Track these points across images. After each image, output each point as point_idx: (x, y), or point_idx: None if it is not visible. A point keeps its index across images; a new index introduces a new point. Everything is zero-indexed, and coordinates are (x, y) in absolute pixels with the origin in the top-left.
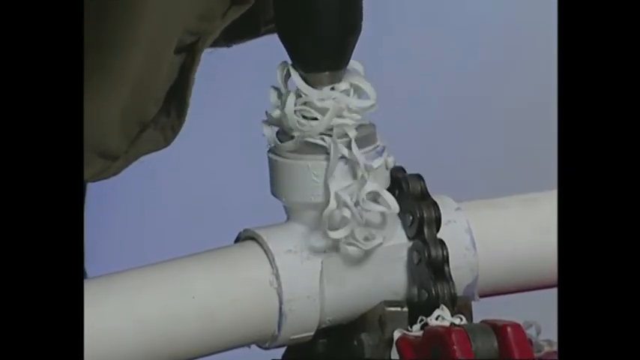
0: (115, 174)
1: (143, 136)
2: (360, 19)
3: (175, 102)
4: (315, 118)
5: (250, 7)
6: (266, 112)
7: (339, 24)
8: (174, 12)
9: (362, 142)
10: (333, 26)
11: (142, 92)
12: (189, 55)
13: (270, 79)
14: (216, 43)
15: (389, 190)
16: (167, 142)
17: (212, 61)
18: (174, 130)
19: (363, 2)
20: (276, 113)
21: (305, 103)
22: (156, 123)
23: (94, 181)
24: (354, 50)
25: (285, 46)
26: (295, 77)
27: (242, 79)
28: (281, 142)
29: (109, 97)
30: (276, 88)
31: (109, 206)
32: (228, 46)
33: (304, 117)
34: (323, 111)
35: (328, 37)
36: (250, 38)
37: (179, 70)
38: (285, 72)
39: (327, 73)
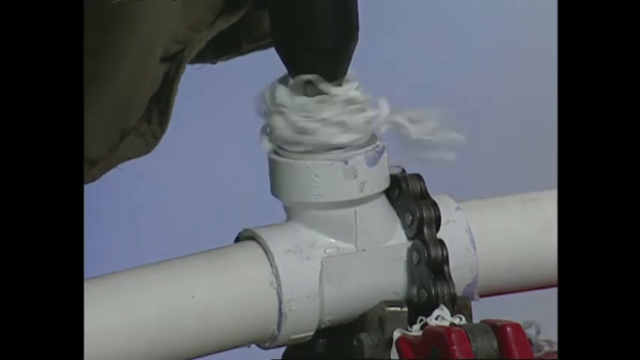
0: (93, 179)
1: (124, 142)
2: (357, 28)
3: (158, 110)
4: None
5: (235, 24)
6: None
7: (337, 35)
8: (163, 22)
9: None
10: (330, 37)
11: (126, 100)
12: (174, 63)
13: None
14: (200, 60)
15: (389, 190)
16: (148, 149)
17: (208, 68)
18: (156, 137)
19: (365, 3)
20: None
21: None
22: (137, 130)
23: None
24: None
25: (282, 58)
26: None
27: (241, 80)
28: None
29: (91, 103)
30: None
31: (109, 206)
32: (212, 62)
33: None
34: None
35: (325, 48)
36: (233, 55)
37: (163, 78)
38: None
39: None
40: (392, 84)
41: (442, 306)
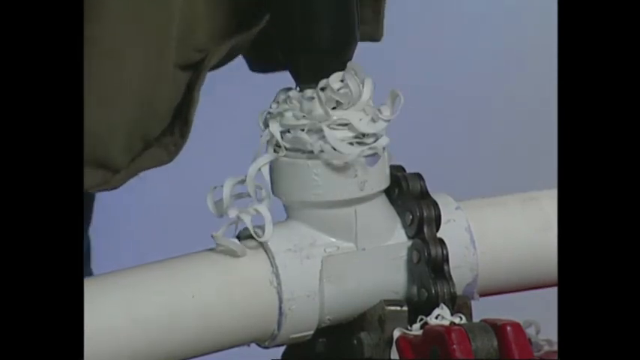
0: (114, 187)
1: (146, 152)
2: (357, 29)
3: (179, 120)
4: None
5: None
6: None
7: (337, 36)
8: (170, 24)
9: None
10: (330, 38)
11: (146, 106)
12: (194, 72)
13: (267, 84)
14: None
15: (389, 189)
16: (170, 158)
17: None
18: (177, 146)
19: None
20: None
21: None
22: (159, 141)
23: (92, 192)
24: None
25: (283, 59)
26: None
27: (242, 83)
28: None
29: (111, 107)
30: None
31: (111, 207)
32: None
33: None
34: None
35: (326, 49)
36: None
37: (186, 88)
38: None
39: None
40: (392, 84)
41: (442, 305)
